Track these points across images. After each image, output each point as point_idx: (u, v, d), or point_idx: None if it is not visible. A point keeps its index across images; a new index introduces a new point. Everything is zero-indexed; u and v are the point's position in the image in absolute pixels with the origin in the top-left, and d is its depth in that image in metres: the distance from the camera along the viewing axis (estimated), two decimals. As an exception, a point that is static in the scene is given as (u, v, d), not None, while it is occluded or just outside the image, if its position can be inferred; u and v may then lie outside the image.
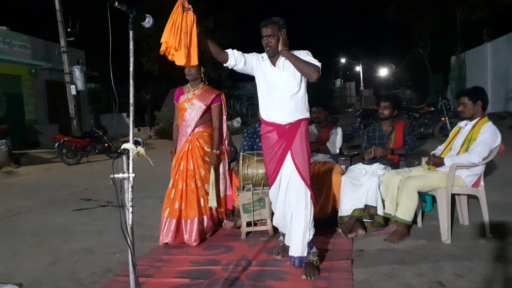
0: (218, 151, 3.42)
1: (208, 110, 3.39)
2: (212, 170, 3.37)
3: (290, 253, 2.66)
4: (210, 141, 3.42)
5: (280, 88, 2.60)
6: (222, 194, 3.52)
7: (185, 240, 3.29)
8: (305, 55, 2.58)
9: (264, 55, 2.71)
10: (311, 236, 2.61)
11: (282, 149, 2.63)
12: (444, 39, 18.56)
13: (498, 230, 3.11)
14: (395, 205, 3.15)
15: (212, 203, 3.34)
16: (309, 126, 4.03)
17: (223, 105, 3.47)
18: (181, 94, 3.47)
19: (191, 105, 3.36)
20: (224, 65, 2.68)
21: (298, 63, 2.50)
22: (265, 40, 2.59)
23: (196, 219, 3.29)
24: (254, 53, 2.74)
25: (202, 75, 3.44)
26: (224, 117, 3.50)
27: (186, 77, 3.41)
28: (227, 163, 3.58)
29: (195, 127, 3.37)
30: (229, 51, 2.65)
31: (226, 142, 3.58)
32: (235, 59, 2.65)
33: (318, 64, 2.53)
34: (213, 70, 19.99)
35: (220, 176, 3.51)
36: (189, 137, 3.37)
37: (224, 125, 3.51)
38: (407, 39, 20.92)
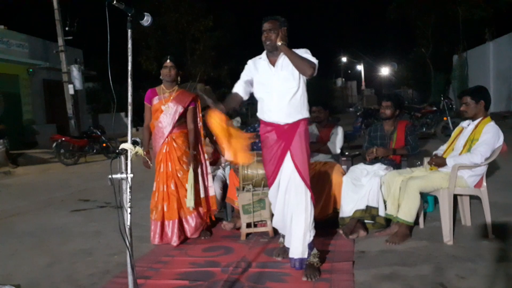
0: (195, 152, 3.44)
1: (184, 112, 3.40)
2: (191, 170, 3.37)
3: (290, 255, 2.63)
4: (188, 142, 3.45)
5: (278, 88, 2.58)
6: (202, 195, 3.52)
7: (168, 240, 3.33)
8: (303, 53, 2.56)
9: (263, 55, 2.69)
10: (312, 238, 2.58)
11: (281, 150, 2.60)
12: (446, 38, 18.60)
13: (500, 231, 3.09)
14: (397, 206, 3.13)
15: (190, 203, 3.34)
16: (309, 126, 4.03)
17: (198, 108, 3.51)
18: (154, 96, 3.43)
19: (167, 107, 3.36)
20: (245, 100, 2.73)
21: (294, 58, 2.49)
22: (265, 34, 2.58)
23: (176, 220, 3.33)
24: (247, 64, 2.75)
25: (179, 78, 3.45)
26: (199, 118, 3.53)
27: (162, 77, 3.40)
28: (205, 165, 3.59)
29: (173, 128, 3.37)
30: (237, 90, 2.67)
31: (203, 144, 3.63)
32: (245, 91, 2.68)
33: (315, 61, 2.51)
34: (213, 70, 19.98)
35: (199, 177, 3.50)
36: (167, 139, 3.38)
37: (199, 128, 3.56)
38: (409, 38, 21.02)
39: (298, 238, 2.56)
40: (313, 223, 2.59)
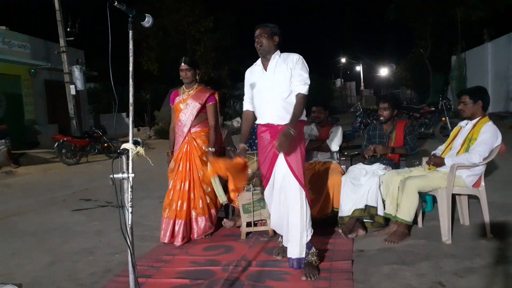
0: (214, 149, 3.40)
1: (203, 109, 3.42)
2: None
3: (288, 255, 2.63)
4: (208, 142, 3.44)
5: (270, 91, 2.62)
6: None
7: (174, 239, 3.34)
8: (296, 64, 2.59)
9: (258, 61, 2.74)
10: (309, 237, 2.58)
11: (274, 150, 2.62)
12: (444, 39, 18.58)
13: (498, 230, 3.10)
14: (396, 205, 3.15)
15: (222, 199, 3.42)
16: (309, 126, 4.06)
17: (217, 104, 3.49)
18: (176, 96, 3.51)
19: (186, 105, 3.41)
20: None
21: (298, 116, 2.57)
22: (256, 39, 2.64)
23: (183, 221, 3.33)
24: (245, 75, 2.84)
25: (197, 77, 3.49)
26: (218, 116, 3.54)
27: (181, 79, 3.45)
28: None
29: (191, 126, 3.40)
30: (248, 107, 2.84)
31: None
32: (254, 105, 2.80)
33: (304, 89, 2.57)
34: (213, 70, 19.98)
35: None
36: (187, 138, 3.40)
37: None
38: (408, 39, 20.98)
39: (295, 237, 2.56)
40: (310, 222, 2.59)
